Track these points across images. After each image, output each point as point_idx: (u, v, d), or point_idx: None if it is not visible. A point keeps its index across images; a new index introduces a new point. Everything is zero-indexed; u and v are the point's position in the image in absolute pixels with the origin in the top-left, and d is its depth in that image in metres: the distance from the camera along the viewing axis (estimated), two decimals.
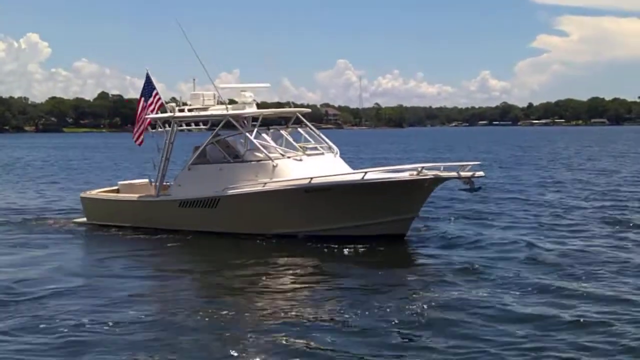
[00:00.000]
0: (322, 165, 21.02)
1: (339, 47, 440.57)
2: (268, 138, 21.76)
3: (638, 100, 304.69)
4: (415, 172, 19.07)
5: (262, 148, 21.10)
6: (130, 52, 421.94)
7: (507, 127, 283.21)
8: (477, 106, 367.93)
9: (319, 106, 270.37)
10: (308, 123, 23.43)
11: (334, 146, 22.52)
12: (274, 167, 20.58)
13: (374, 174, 19.80)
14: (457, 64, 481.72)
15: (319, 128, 24.15)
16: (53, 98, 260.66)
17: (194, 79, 24.09)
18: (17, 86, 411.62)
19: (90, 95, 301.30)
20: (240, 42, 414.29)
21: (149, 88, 24.08)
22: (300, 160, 21.19)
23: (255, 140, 21.27)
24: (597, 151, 76.39)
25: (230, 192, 21.06)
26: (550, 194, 32.63)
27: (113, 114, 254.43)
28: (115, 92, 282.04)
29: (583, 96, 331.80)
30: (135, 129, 25.18)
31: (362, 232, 19.62)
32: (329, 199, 19.62)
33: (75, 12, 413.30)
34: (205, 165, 22.11)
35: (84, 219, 25.13)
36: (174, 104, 23.78)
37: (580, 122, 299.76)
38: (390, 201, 19.29)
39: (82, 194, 26.20)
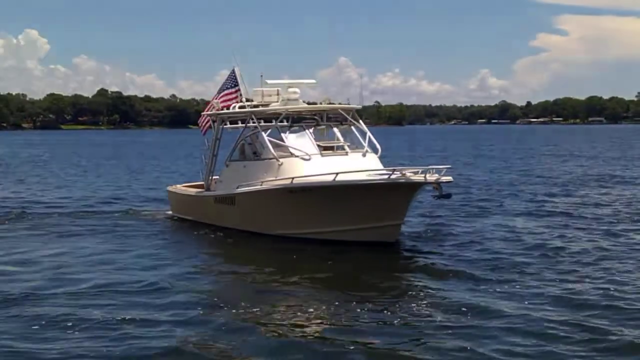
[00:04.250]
0: (336, 164, 19.51)
1: (340, 45, 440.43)
2: (284, 136, 21.15)
3: (636, 99, 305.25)
4: (387, 176, 18.05)
5: (269, 146, 20.72)
6: (130, 48, 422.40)
7: (505, 126, 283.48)
8: (476, 104, 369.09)
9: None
10: (353, 120, 22.25)
11: (375, 145, 21.48)
12: (279, 165, 20.24)
13: (348, 177, 18.50)
14: (456, 62, 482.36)
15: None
16: (51, 95, 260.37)
17: (261, 75, 23.95)
18: (16, 83, 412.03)
19: (89, 92, 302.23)
20: (241, 39, 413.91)
21: (224, 85, 24.10)
22: (309, 159, 20.30)
23: (266, 138, 20.95)
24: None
25: (240, 190, 21.18)
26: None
27: (112, 111, 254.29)
28: (114, 88, 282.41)
29: (581, 95, 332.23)
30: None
31: (348, 238, 18.81)
32: (312, 200, 19.02)
33: (75, 9, 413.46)
34: (236, 162, 22.30)
35: (171, 212, 25.99)
36: (217, 101, 23.94)
37: (578, 120, 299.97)
38: (366, 206, 18.35)
39: (168, 188, 26.95)
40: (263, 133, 21.22)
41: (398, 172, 18.05)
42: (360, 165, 19.95)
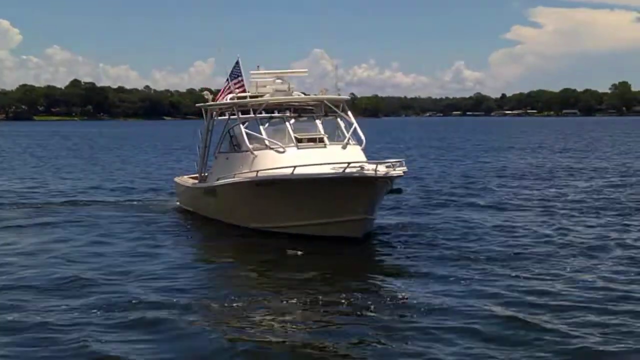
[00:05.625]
0: (311, 157, 19.07)
1: (314, 36, 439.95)
2: (262, 128, 20.65)
3: (609, 91, 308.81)
4: (342, 170, 17.35)
5: (245, 138, 20.49)
6: (103, 39, 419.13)
7: (479, 118, 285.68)
8: (451, 96, 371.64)
9: None
10: (343, 111, 21.77)
11: (360, 137, 21.05)
12: (254, 158, 19.97)
13: (307, 170, 18.04)
14: (431, 54, 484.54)
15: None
16: (24, 86, 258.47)
17: (257, 66, 23.34)
18: None
19: (62, 83, 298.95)
20: (216, 31, 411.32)
21: (231, 75, 23.30)
22: (283, 151, 19.85)
23: (243, 130, 20.70)
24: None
25: (217, 182, 21.08)
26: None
27: (85, 102, 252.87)
28: (87, 79, 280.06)
29: (555, 87, 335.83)
30: None
31: (313, 232, 18.39)
32: (277, 194, 18.64)
33: None
34: (222, 154, 22.13)
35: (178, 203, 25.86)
36: (207, 92, 23.67)
37: (552, 113, 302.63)
38: (325, 200, 17.84)
39: (175, 179, 26.75)
40: (241, 125, 20.95)
41: (357, 166, 17.45)
42: (338, 157, 19.14)
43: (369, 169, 17.31)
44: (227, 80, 23.19)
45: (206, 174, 23.59)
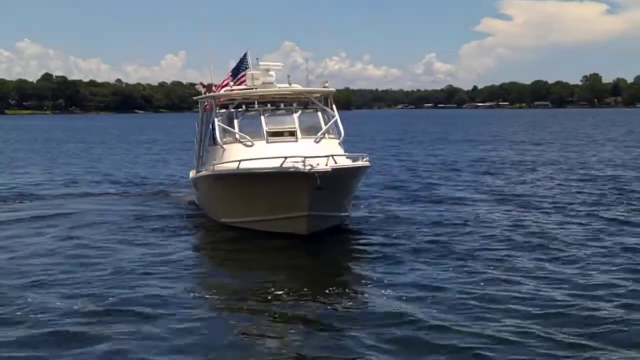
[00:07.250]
0: (280, 150, 18.30)
1: (285, 28, 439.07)
2: (236, 122, 20.60)
3: (580, 83, 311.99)
4: (279, 164, 16.88)
5: (217, 132, 20.61)
6: (74, 32, 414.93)
7: (451, 110, 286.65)
8: (422, 89, 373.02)
9: None
10: (327, 105, 21.61)
11: (339, 130, 20.88)
12: (223, 152, 20.07)
13: (251, 164, 17.78)
14: (402, 46, 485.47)
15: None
16: None
17: (257, 59, 23.34)
18: None
19: (33, 76, 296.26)
20: (186, 23, 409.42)
21: (235, 68, 23.35)
22: (251, 145, 19.68)
23: (217, 124, 20.74)
24: None
25: (193, 176, 21.64)
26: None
27: (57, 96, 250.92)
28: (59, 73, 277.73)
29: (527, 79, 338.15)
30: None
31: (264, 228, 18.15)
32: (231, 189, 18.66)
33: None
34: (209, 147, 22.10)
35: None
36: (199, 85, 23.83)
37: (523, 104, 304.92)
38: (269, 196, 17.41)
39: (190, 171, 26.54)
40: (216, 119, 20.98)
41: (299, 161, 16.42)
42: (309, 151, 18.39)
43: (311, 163, 16.30)
44: (233, 73, 23.16)
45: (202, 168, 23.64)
